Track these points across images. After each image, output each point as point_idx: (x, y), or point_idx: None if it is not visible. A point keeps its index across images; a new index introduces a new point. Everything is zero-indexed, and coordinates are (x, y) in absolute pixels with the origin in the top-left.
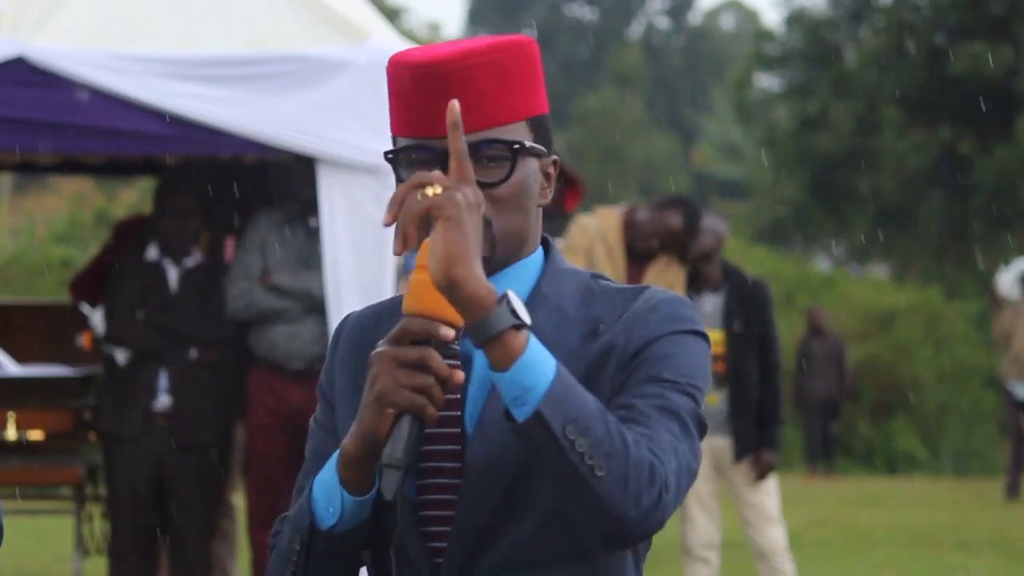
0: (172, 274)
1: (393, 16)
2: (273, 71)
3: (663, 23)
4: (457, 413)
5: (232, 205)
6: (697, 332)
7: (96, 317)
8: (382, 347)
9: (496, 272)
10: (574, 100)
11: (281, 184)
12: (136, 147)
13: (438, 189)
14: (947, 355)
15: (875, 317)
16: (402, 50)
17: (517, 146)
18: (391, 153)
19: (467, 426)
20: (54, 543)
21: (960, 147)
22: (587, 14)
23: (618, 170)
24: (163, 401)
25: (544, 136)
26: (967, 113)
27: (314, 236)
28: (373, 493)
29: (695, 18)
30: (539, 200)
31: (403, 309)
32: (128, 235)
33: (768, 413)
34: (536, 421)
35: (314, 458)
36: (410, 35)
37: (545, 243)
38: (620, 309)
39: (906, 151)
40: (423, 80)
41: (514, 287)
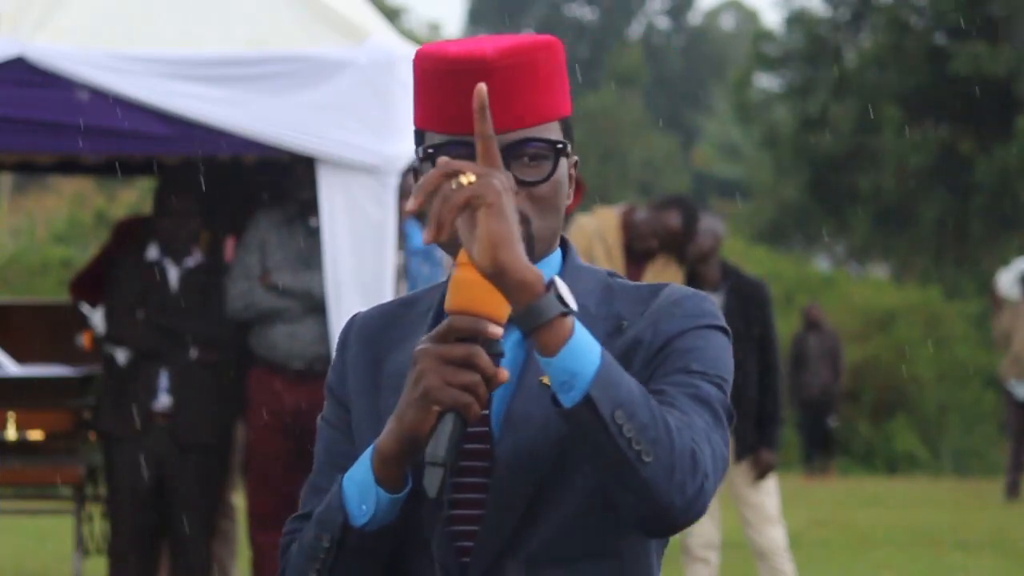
0: (172, 274)
1: (393, 16)
2: (273, 71)
3: (663, 23)
4: (484, 411)
5: (232, 205)
6: (720, 327)
7: (96, 317)
8: (426, 344)
9: None
10: (574, 100)
11: (281, 184)
12: (136, 147)
13: (472, 177)
14: (947, 355)
15: (875, 317)
16: (431, 44)
17: (560, 145)
18: (431, 148)
19: (493, 424)
20: (54, 543)
21: (960, 147)
22: (587, 14)
23: (618, 170)
24: (163, 401)
25: (571, 137)
26: (967, 113)
27: (314, 236)
28: (407, 491)
29: (695, 18)
30: (567, 201)
31: (446, 306)
32: (128, 235)
33: (767, 413)
34: (585, 406)
35: (327, 457)
36: (410, 35)
37: (563, 242)
38: (641, 306)
39: (906, 150)
40: (466, 76)
41: None
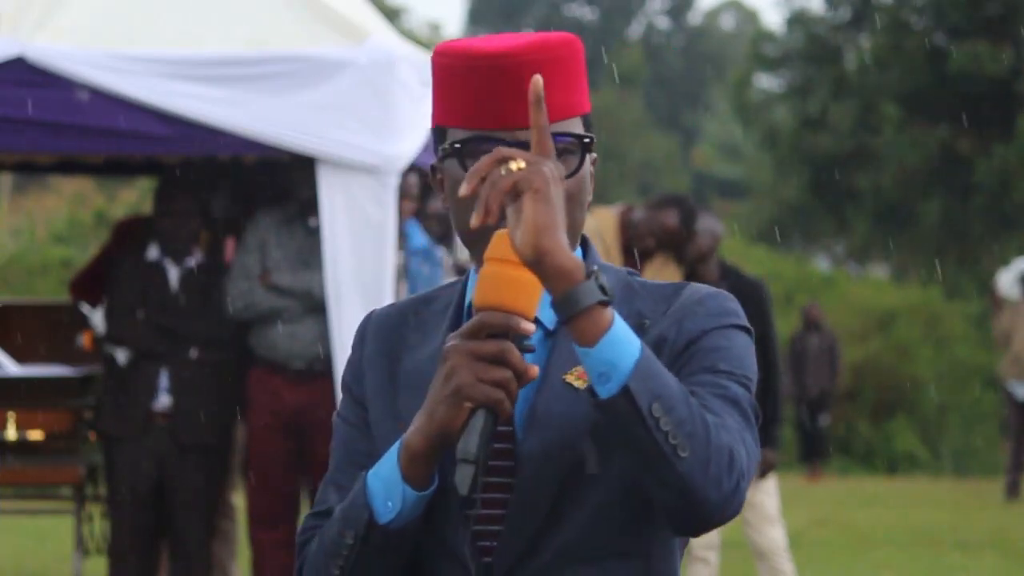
0: (173, 274)
1: (393, 16)
2: (273, 71)
3: (663, 23)
4: None
5: (232, 205)
6: (743, 327)
7: (96, 317)
8: (457, 341)
9: None
10: None
11: (280, 184)
12: (136, 147)
13: (522, 164)
14: (947, 355)
15: (875, 317)
16: (452, 41)
17: (587, 139)
18: (456, 144)
19: (517, 423)
20: (54, 543)
21: (960, 147)
22: (587, 14)
23: (618, 170)
24: (163, 401)
25: (592, 133)
26: (967, 113)
27: (314, 236)
28: (434, 488)
29: (695, 18)
30: (589, 197)
31: (475, 302)
32: (128, 235)
33: (767, 413)
34: (623, 397)
35: (346, 454)
36: (410, 35)
37: (583, 240)
38: (663, 304)
39: (905, 148)
40: (494, 72)
41: None
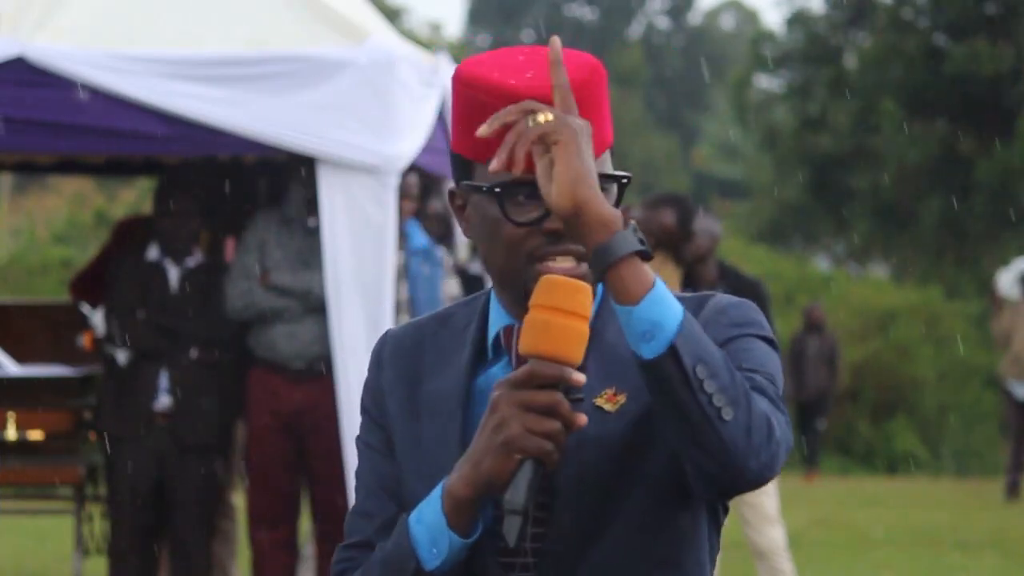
0: (172, 274)
1: (393, 16)
2: (273, 71)
3: (663, 23)
4: None
5: (232, 205)
6: (767, 338)
7: (96, 317)
8: (506, 389)
9: None
10: None
11: (280, 184)
12: (136, 147)
13: (550, 116)
14: (947, 355)
15: (875, 317)
16: (477, 68)
17: (625, 180)
18: (498, 188)
19: None
20: (54, 543)
21: (960, 147)
22: (587, 14)
23: (618, 170)
24: (163, 401)
25: (621, 172)
26: (967, 113)
27: (313, 236)
28: (480, 534)
29: (695, 18)
30: None
31: (523, 349)
32: (128, 235)
33: None
34: (669, 356)
35: (375, 481)
36: (410, 35)
37: None
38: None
39: (905, 146)
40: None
41: None
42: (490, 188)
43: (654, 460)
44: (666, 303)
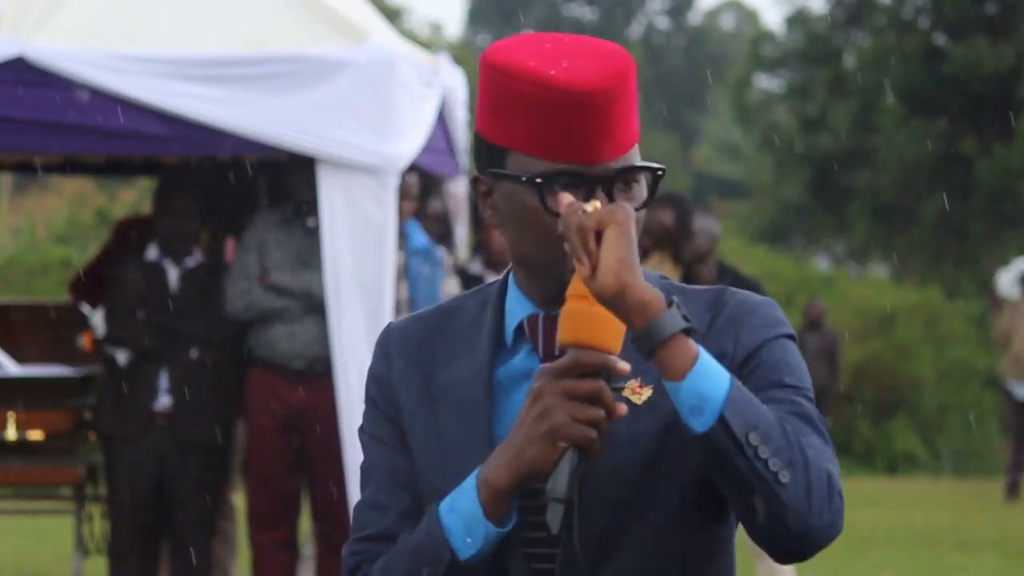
0: (172, 274)
1: (393, 16)
2: (273, 71)
3: (663, 23)
4: None
5: (232, 205)
6: (792, 336)
7: (96, 317)
8: (549, 378)
9: None
10: None
11: (279, 184)
12: (136, 147)
13: (597, 203)
14: (947, 355)
15: (875, 317)
16: (508, 55)
17: (660, 172)
18: (539, 178)
19: None
20: (54, 543)
21: (960, 146)
22: (587, 14)
23: None
24: (163, 401)
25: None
26: (967, 112)
27: (312, 236)
28: (514, 523)
29: (695, 18)
30: None
31: (563, 338)
32: (128, 235)
33: None
34: (720, 428)
35: (386, 475)
36: (410, 35)
37: None
38: (707, 313)
39: (905, 143)
40: (579, 108)
41: None
42: (531, 179)
43: (685, 464)
44: (712, 374)
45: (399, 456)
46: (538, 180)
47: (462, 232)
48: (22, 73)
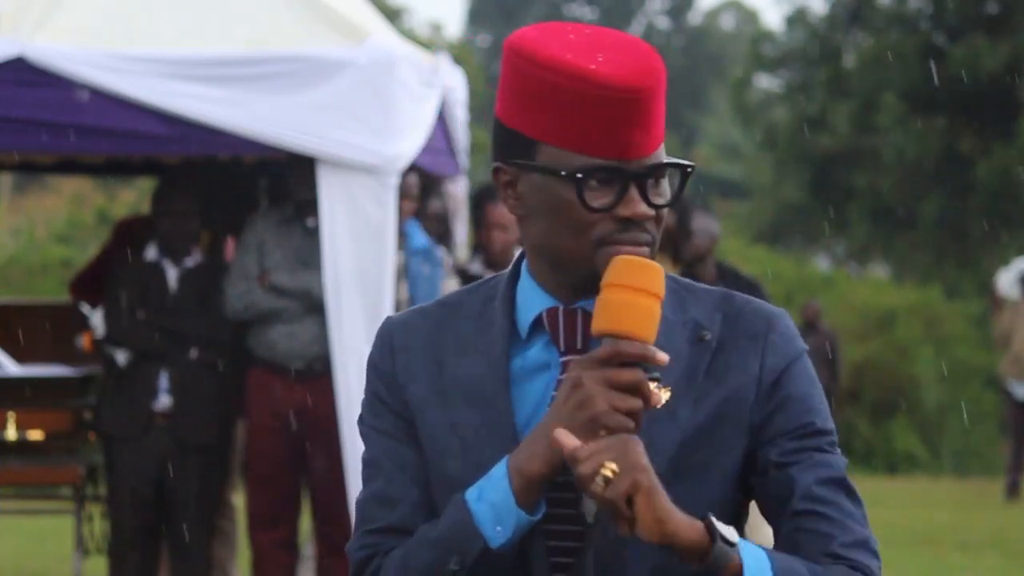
0: (171, 274)
1: (393, 16)
2: (273, 71)
3: (663, 23)
4: None
5: (232, 205)
6: (805, 348)
7: (96, 317)
8: (588, 368)
9: None
10: None
11: (279, 184)
12: (136, 147)
13: (613, 466)
14: (947, 355)
15: (875, 317)
16: (547, 51)
17: (690, 170)
18: (580, 174)
19: None
20: (54, 543)
21: (961, 146)
22: (587, 14)
23: None
24: (163, 401)
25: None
26: (967, 112)
27: (312, 236)
28: (544, 512)
29: (695, 18)
30: None
31: (596, 328)
32: (128, 235)
33: None
34: None
35: (396, 467)
36: (410, 35)
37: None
38: (717, 313)
39: (905, 143)
40: (622, 104)
41: None
42: (571, 174)
43: (706, 485)
44: (758, 571)
45: (407, 449)
46: (579, 175)
47: (462, 232)
48: (22, 73)
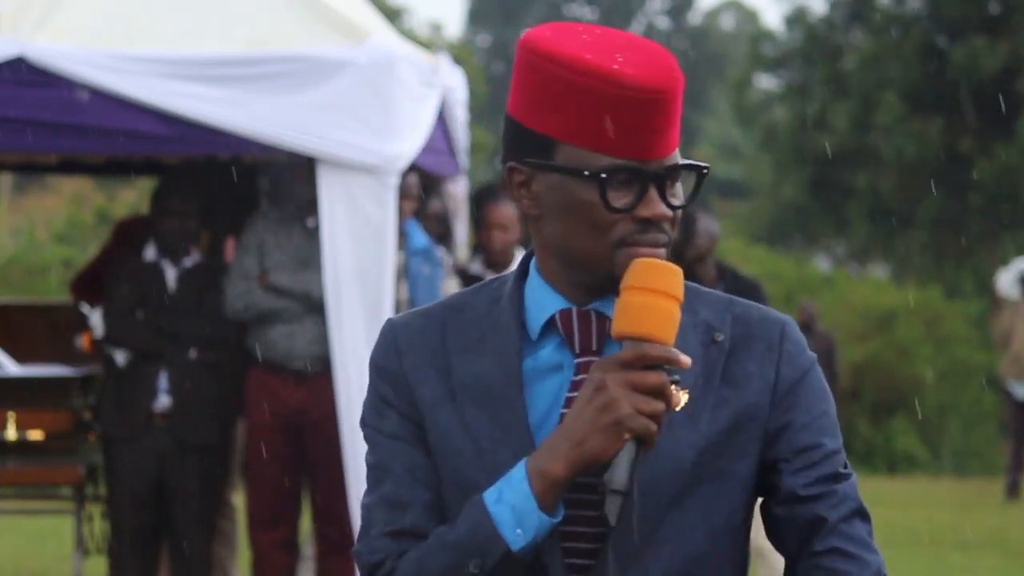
0: (170, 274)
1: (393, 16)
2: (273, 71)
3: (663, 23)
4: None
5: (232, 205)
6: (813, 356)
7: (96, 317)
8: (610, 370)
9: None
10: None
11: (279, 184)
12: (136, 147)
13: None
14: (947, 355)
15: (875, 317)
16: (567, 50)
17: (705, 172)
18: (604, 174)
19: None
20: (54, 543)
21: (960, 146)
22: (587, 14)
23: None
24: (163, 401)
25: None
26: (966, 111)
27: (312, 236)
28: (564, 514)
29: (695, 18)
30: None
31: (617, 330)
32: (128, 235)
33: None
34: None
35: (405, 471)
36: (410, 35)
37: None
38: (726, 315)
39: (904, 142)
40: (646, 104)
41: None
42: (594, 174)
43: (724, 491)
44: None
45: (416, 451)
46: (603, 176)
47: (462, 232)
48: (22, 73)
